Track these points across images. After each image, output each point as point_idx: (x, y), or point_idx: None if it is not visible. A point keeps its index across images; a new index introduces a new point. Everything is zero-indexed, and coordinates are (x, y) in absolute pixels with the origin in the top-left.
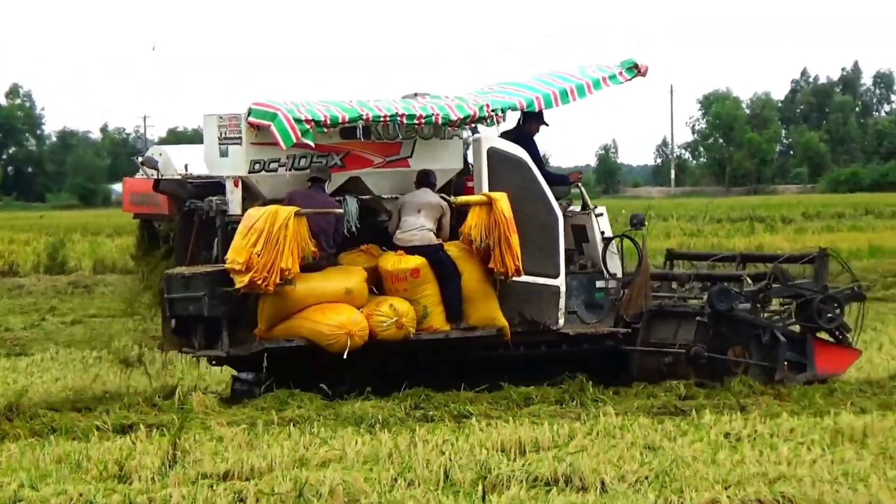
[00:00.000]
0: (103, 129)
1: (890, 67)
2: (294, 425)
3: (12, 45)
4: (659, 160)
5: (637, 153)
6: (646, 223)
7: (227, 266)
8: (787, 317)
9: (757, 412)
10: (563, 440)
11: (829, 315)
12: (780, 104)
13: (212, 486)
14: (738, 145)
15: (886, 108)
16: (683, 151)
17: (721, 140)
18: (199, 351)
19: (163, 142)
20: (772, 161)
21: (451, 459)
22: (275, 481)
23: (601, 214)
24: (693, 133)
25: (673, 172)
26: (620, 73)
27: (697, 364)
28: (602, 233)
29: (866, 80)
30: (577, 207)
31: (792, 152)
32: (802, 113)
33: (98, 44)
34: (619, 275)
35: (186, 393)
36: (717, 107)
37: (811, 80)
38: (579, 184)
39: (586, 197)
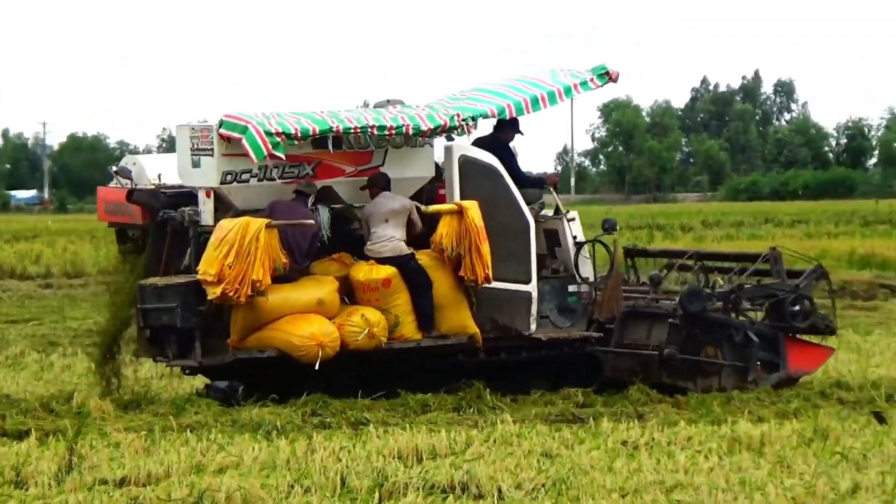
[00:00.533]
0: (4, 135)
1: (790, 76)
2: (191, 431)
3: None
4: (559, 168)
5: (537, 161)
6: (617, 228)
7: (199, 277)
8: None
9: (654, 420)
10: (460, 447)
11: (802, 314)
12: (680, 112)
13: (108, 493)
14: (638, 153)
15: (787, 116)
16: (583, 159)
17: (621, 148)
18: (173, 360)
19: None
20: (672, 169)
21: (347, 466)
22: (172, 487)
23: (573, 219)
24: (593, 141)
25: (573, 180)
26: (592, 80)
27: (670, 365)
28: (574, 237)
29: (767, 88)
30: (549, 212)
31: (692, 160)
32: (702, 121)
33: None
34: (592, 279)
35: (84, 398)
36: (617, 114)
37: (711, 88)
38: (552, 188)
39: (558, 202)
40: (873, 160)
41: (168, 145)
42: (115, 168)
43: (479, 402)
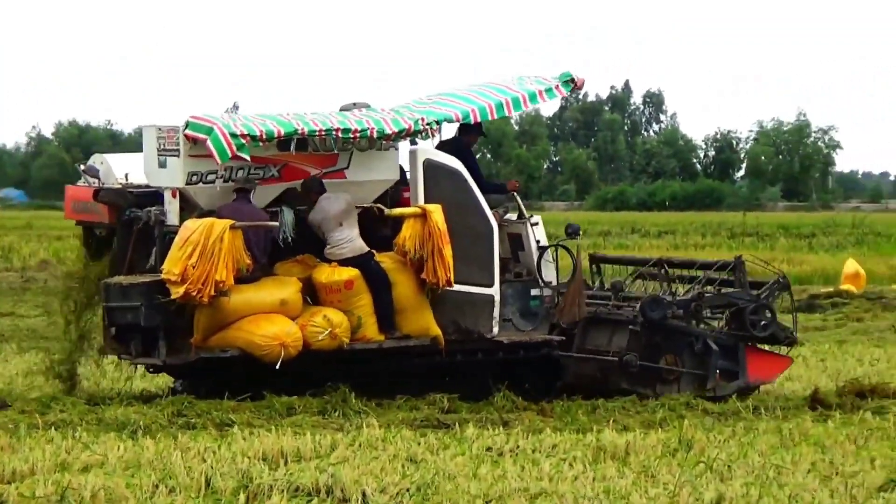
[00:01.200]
0: None
1: (660, 87)
2: (56, 429)
3: None
4: None
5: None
6: (580, 233)
7: (163, 276)
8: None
9: (520, 427)
10: (325, 451)
11: (763, 323)
12: (548, 121)
13: None
14: (507, 161)
15: (655, 127)
16: None
17: (489, 156)
18: (137, 359)
19: None
20: (539, 177)
21: (212, 467)
22: (36, 485)
23: (536, 223)
24: None
25: None
26: (557, 87)
27: (630, 372)
28: (538, 241)
29: (636, 99)
30: (513, 216)
31: (560, 169)
32: (571, 130)
33: None
34: (554, 283)
35: None
36: (486, 123)
37: (580, 97)
38: (515, 193)
39: (522, 206)
40: (741, 172)
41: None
42: (82, 167)
43: (345, 405)
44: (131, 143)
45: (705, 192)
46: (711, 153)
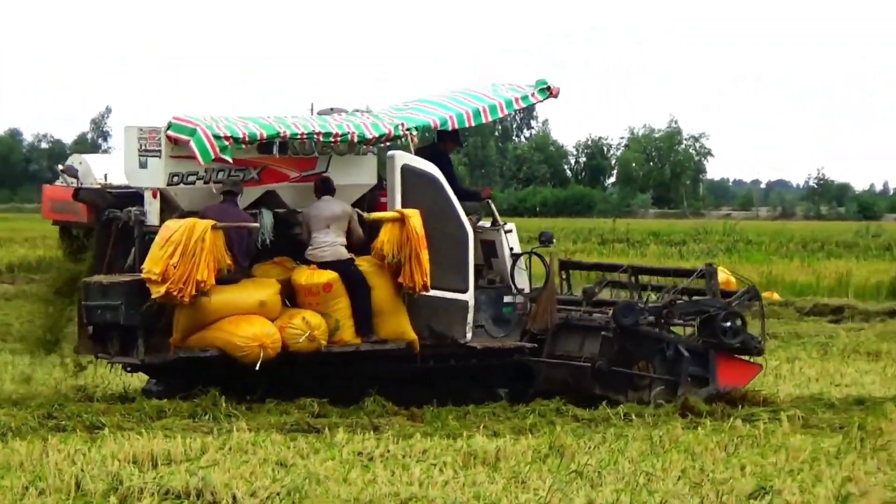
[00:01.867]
0: None
1: None
2: None
3: None
4: None
5: None
6: (553, 241)
7: (143, 276)
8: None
9: (390, 432)
10: (195, 454)
11: (733, 330)
12: None
13: None
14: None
15: (526, 133)
16: None
17: None
18: (115, 357)
19: None
20: None
21: (82, 470)
22: None
23: (510, 231)
24: None
25: None
26: (533, 94)
27: (602, 377)
28: (511, 249)
29: None
30: (486, 223)
31: None
32: None
33: None
34: (527, 290)
35: None
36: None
37: None
38: (489, 200)
39: (496, 213)
40: (612, 179)
41: None
42: (61, 166)
43: (215, 409)
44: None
45: (576, 199)
46: (582, 159)
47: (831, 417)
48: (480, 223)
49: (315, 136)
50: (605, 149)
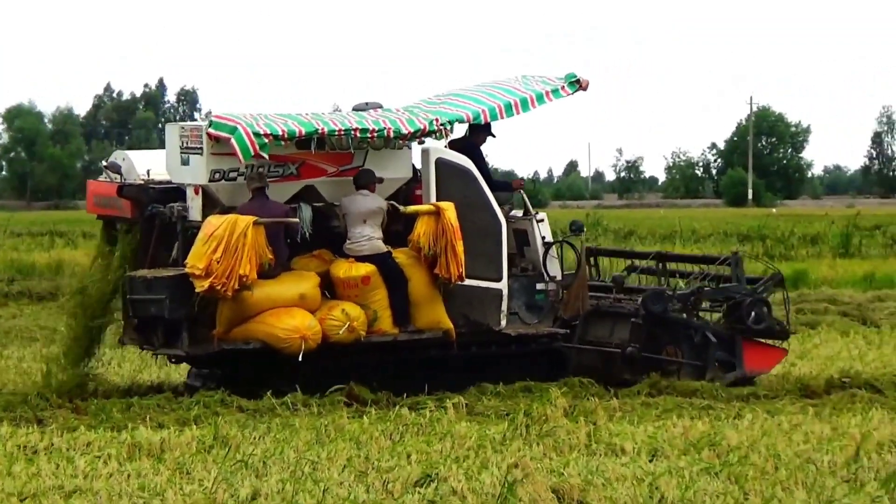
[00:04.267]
0: None
1: (194, 84)
2: None
3: None
4: None
5: None
6: (584, 229)
7: (187, 271)
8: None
9: (55, 425)
10: None
11: (758, 316)
12: (82, 120)
13: None
14: (41, 160)
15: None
16: None
17: (23, 154)
18: (159, 349)
19: None
20: (74, 176)
21: None
22: None
23: (542, 220)
24: None
25: None
26: (563, 88)
27: (632, 363)
28: (543, 237)
29: (170, 96)
30: (519, 212)
31: (93, 167)
32: (105, 129)
33: None
34: (559, 278)
35: None
36: (20, 121)
37: (115, 95)
38: (521, 190)
39: (528, 203)
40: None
41: None
42: (104, 163)
43: None
44: None
45: None
46: None
47: (497, 405)
48: (513, 213)
49: (352, 132)
50: None
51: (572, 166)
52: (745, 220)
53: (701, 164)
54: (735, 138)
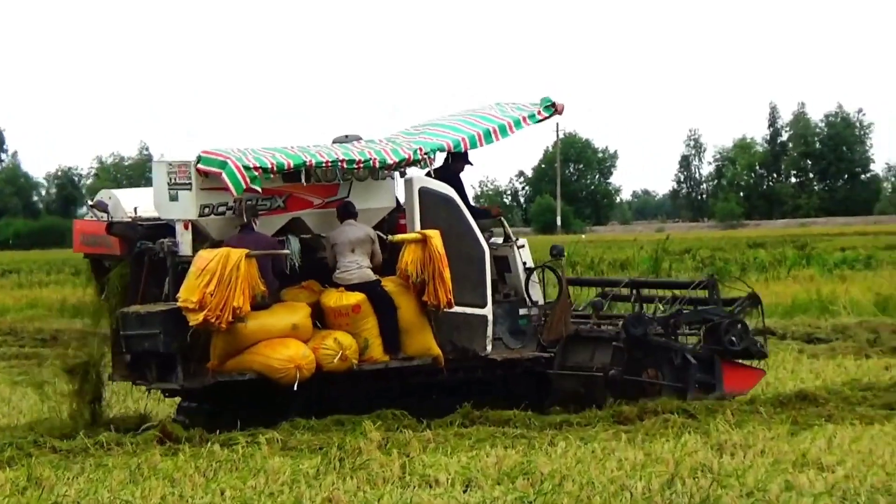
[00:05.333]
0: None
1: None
2: None
3: None
4: None
5: None
6: (565, 254)
7: (180, 304)
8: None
9: None
10: None
11: (736, 338)
12: None
13: None
14: None
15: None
16: None
17: None
18: (153, 384)
19: None
20: None
21: None
22: None
23: (522, 246)
24: None
25: None
26: (539, 112)
27: (615, 386)
28: (524, 263)
29: None
30: (498, 240)
31: None
32: None
33: None
34: (541, 303)
35: None
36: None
37: None
38: (501, 217)
39: (508, 230)
40: (84, 208)
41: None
42: (90, 202)
43: None
44: None
45: (48, 230)
46: (53, 190)
47: (310, 439)
48: (492, 240)
49: (339, 164)
50: (76, 178)
51: None
52: None
53: (509, 192)
54: (543, 165)
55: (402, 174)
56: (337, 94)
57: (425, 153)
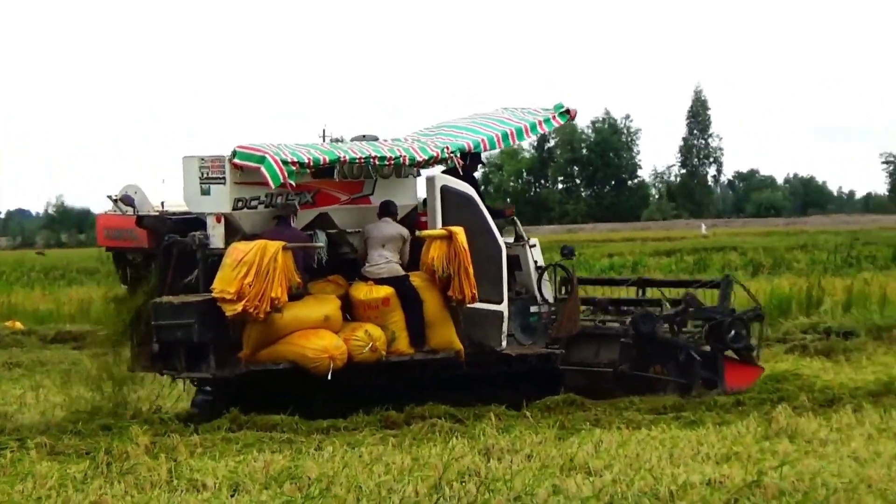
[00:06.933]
0: None
1: None
2: None
3: None
4: None
5: None
6: (575, 253)
7: (216, 295)
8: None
9: None
10: None
11: (737, 336)
12: None
13: None
14: None
15: None
16: None
17: None
18: (183, 373)
19: None
20: None
21: None
22: None
23: (534, 245)
24: None
25: None
26: (553, 117)
27: (624, 381)
28: (535, 262)
29: None
30: (509, 239)
31: None
32: None
33: None
34: (551, 300)
35: None
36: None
37: None
38: (514, 217)
39: (521, 230)
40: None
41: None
42: (115, 196)
43: None
44: None
45: None
46: None
47: (78, 443)
48: (504, 240)
49: (371, 160)
50: None
51: None
52: None
53: None
54: None
55: (417, 174)
56: (337, 94)
57: (451, 152)
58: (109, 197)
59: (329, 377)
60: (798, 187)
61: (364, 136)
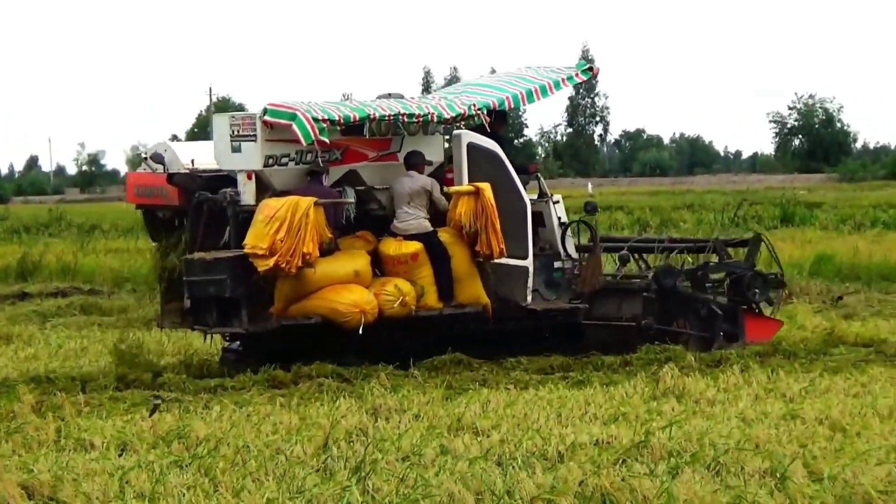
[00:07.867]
0: None
1: None
2: None
3: None
4: None
5: None
6: (598, 210)
7: (248, 251)
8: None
9: None
10: None
11: (757, 290)
12: None
13: None
14: None
15: None
16: None
17: None
18: (214, 328)
19: None
20: None
21: None
22: None
23: (557, 202)
24: None
25: None
26: (577, 74)
27: (647, 335)
28: (559, 218)
29: None
30: (533, 195)
31: None
32: None
33: None
34: (574, 256)
35: None
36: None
37: None
38: (538, 174)
39: (544, 186)
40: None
41: None
42: (146, 154)
43: None
44: None
45: None
46: None
47: None
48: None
49: (401, 117)
50: None
51: (33, 161)
52: None
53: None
54: (196, 129)
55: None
56: (337, 91)
57: (478, 109)
58: (139, 154)
59: (360, 331)
60: (685, 147)
61: (390, 94)
